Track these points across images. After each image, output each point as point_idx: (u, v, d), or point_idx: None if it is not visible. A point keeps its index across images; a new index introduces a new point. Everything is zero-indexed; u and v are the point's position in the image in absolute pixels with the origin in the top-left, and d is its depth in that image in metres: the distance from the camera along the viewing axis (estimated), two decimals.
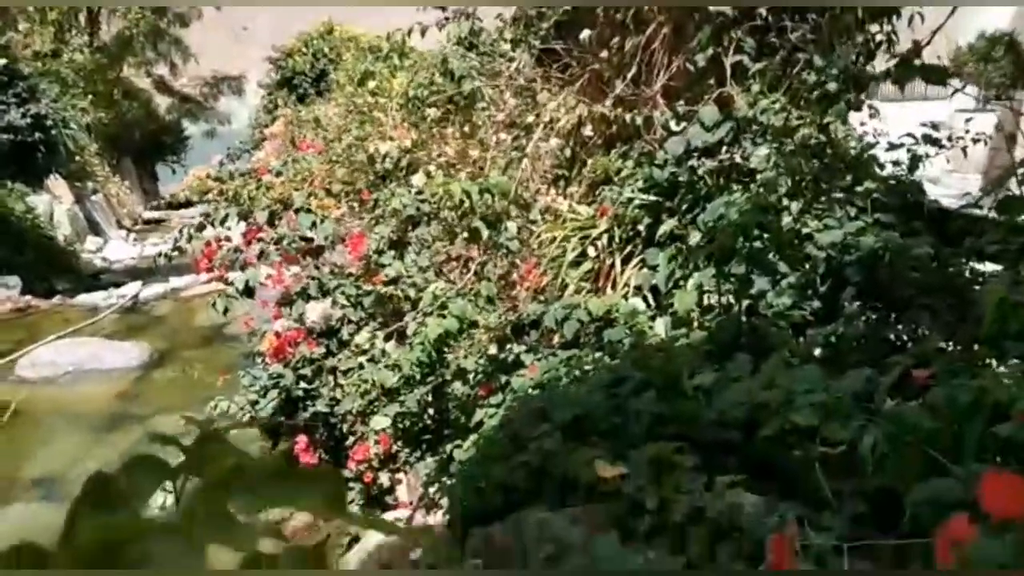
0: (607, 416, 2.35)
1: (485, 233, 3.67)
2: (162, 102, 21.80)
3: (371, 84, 7.34)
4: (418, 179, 4.81)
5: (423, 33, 6.01)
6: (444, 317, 3.51)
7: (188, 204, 19.98)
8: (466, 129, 6.34)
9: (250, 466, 0.45)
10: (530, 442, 2.22)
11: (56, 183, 13.36)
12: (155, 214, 18.97)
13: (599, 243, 4.25)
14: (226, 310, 4.11)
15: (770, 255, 3.53)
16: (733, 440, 2.35)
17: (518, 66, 6.29)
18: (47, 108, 12.84)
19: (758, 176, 3.41)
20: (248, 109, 22.37)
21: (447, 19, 6.42)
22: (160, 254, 4.62)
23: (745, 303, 3.45)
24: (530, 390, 3.49)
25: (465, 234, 4.36)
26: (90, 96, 16.54)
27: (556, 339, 4.24)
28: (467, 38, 6.75)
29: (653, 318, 3.62)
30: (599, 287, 4.21)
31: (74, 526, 0.50)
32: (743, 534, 1.66)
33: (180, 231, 4.65)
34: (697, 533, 1.71)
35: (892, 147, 3.76)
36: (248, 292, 4.09)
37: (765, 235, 3.54)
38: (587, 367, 3.39)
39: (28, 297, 8.72)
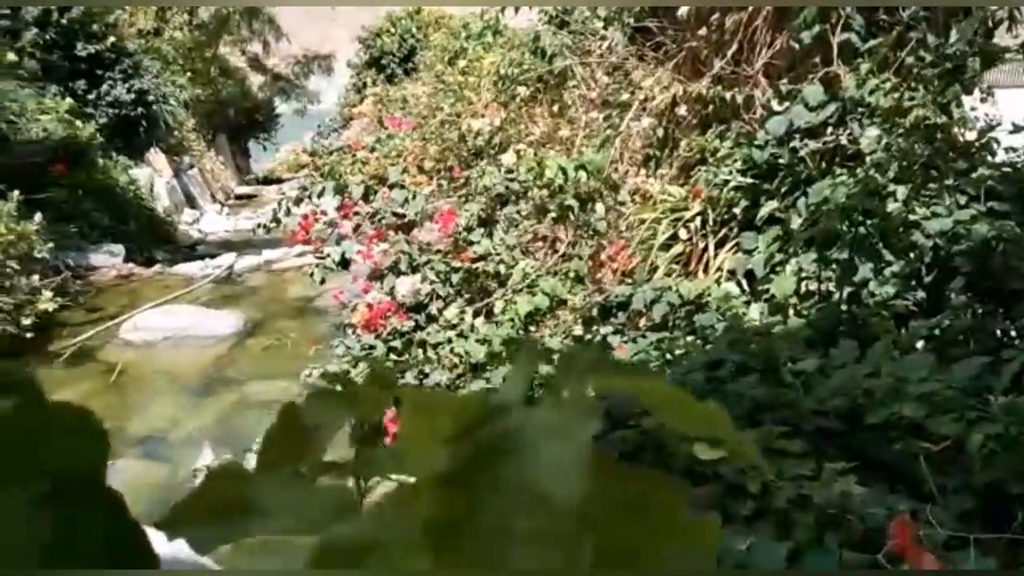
0: (704, 397, 2.32)
1: (577, 211, 3.66)
2: (255, 80, 22.47)
3: (462, 63, 7.38)
4: (508, 158, 4.82)
5: (516, 10, 6.02)
6: (534, 295, 3.52)
7: (278, 180, 20.61)
8: (555, 108, 6.32)
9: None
10: (625, 421, 2.21)
11: (156, 157, 13.95)
12: (247, 189, 19.59)
13: (691, 225, 4.19)
14: (323, 280, 4.22)
15: (875, 242, 3.41)
16: (834, 429, 2.29)
17: (611, 44, 6.22)
18: (149, 84, 13.38)
19: (867, 159, 3.28)
20: (336, 88, 22.85)
21: None
22: (259, 225, 4.78)
23: (847, 291, 3.34)
24: None
25: (554, 213, 4.36)
26: (189, 73, 17.16)
27: (643, 322, 4.21)
28: (558, 16, 6.71)
29: (748, 303, 3.55)
30: (690, 270, 4.15)
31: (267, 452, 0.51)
32: (853, 521, 1.62)
33: (279, 204, 4.79)
34: (803, 520, 1.68)
35: (1017, 129, 3.55)
36: (344, 264, 4.20)
37: (870, 221, 3.41)
38: (678, 350, 3.35)
39: (130, 265, 9.16)
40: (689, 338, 3.34)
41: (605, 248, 4.67)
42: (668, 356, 3.30)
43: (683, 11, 4.94)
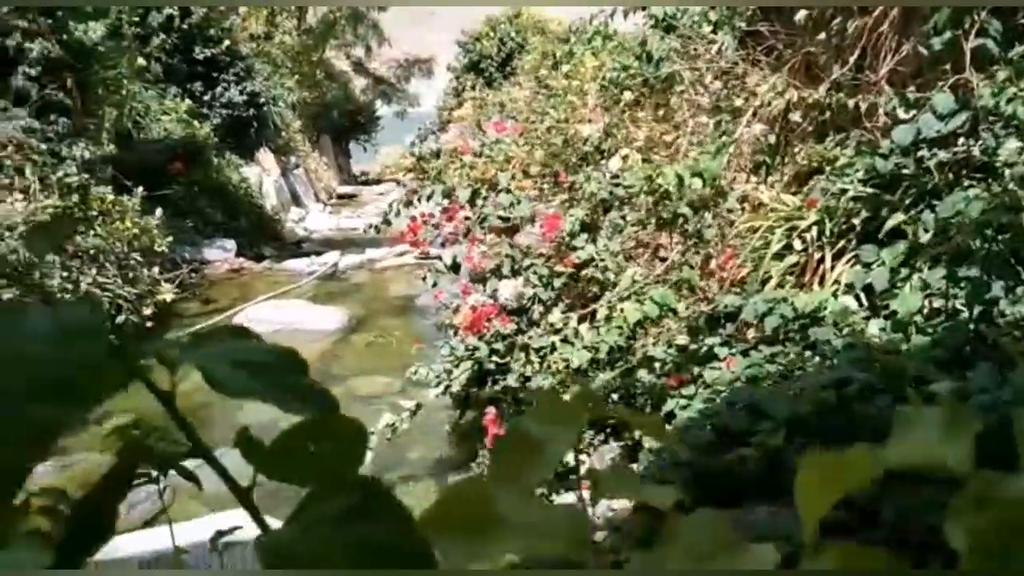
0: (830, 417, 2.25)
1: (691, 220, 3.61)
2: (358, 84, 23.13)
3: (565, 67, 7.40)
4: (615, 163, 4.80)
5: (625, 15, 5.99)
6: (642, 303, 3.49)
7: (377, 181, 21.18)
8: (660, 112, 6.25)
9: None
10: (747, 437, 2.17)
11: (264, 156, 14.55)
12: (347, 189, 20.18)
13: (807, 236, 4.06)
14: (435, 284, 4.31)
15: (1008, 259, 3.23)
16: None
17: (720, 48, 6.11)
18: (260, 87, 13.97)
19: (1006, 172, 3.11)
20: (435, 91, 23.30)
21: None
22: (370, 226, 4.91)
23: (977, 310, 3.18)
24: (730, 384, 3.41)
25: (661, 220, 4.32)
26: (296, 76, 17.82)
27: (751, 333, 4.11)
28: (665, 19, 6.63)
29: (867, 319, 3.42)
30: (804, 282, 4.03)
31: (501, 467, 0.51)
32: None
33: (389, 205, 4.92)
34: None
35: None
36: (455, 268, 4.27)
37: (1002, 236, 3.23)
38: (794, 366, 3.26)
39: (241, 260, 9.60)
40: (806, 353, 3.24)
41: (712, 256, 4.59)
42: (782, 371, 3.22)
43: (800, 16, 4.81)
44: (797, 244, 4.06)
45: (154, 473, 1.50)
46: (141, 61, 9.21)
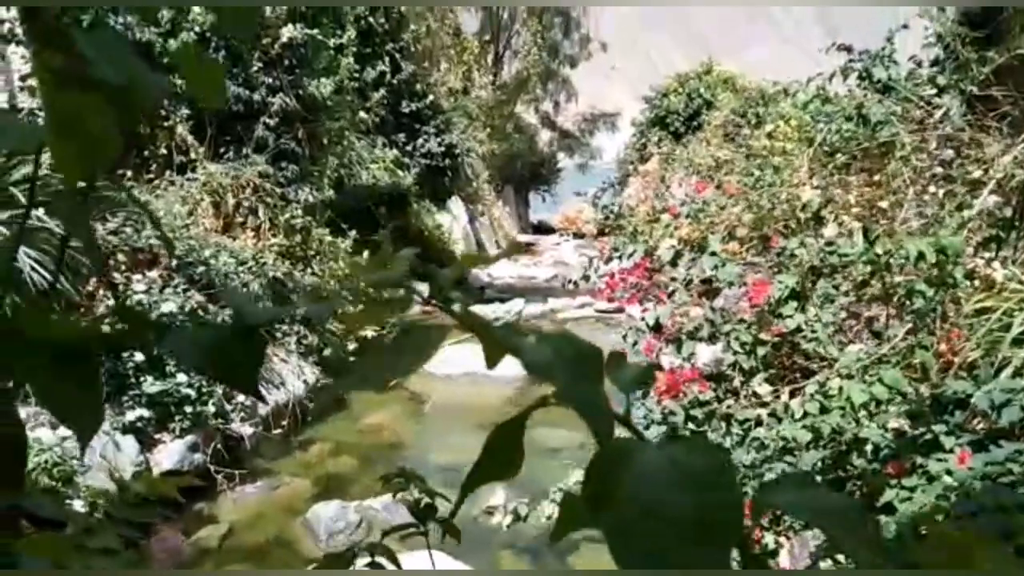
0: None
1: (928, 296, 3.37)
2: (543, 136, 23.85)
3: (768, 126, 7.23)
4: (831, 230, 4.60)
5: (845, 77, 5.78)
6: (868, 383, 3.28)
7: (551, 231, 21.61)
8: (875, 178, 5.93)
9: None
10: None
11: (455, 204, 15.26)
12: (526, 238, 20.71)
13: None
14: (635, 343, 4.29)
15: None
16: None
17: (946, 112, 5.75)
18: (457, 139, 14.75)
19: None
20: (616, 144, 23.53)
21: (851, 61, 6.10)
22: (569, 281, 4.99)
23: None
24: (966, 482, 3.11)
25: (888, 292, 4.06)
26: (488, 129, 18.64)
27: (978, 423, 3.75)
28: (880, 82, 6.33)
29: None
30: None
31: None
32: None
33: (589, 261, 4.98)
34: None
35: None
36: (657, 327, 4.23)
37: None
38: None
39: (432, 302, 10.06)
40: None
41: (936, 336, 4.25)
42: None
43: None
44: None
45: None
46: (362, 114, 10.00)
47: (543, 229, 22.36)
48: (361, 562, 1.28)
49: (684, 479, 0.37)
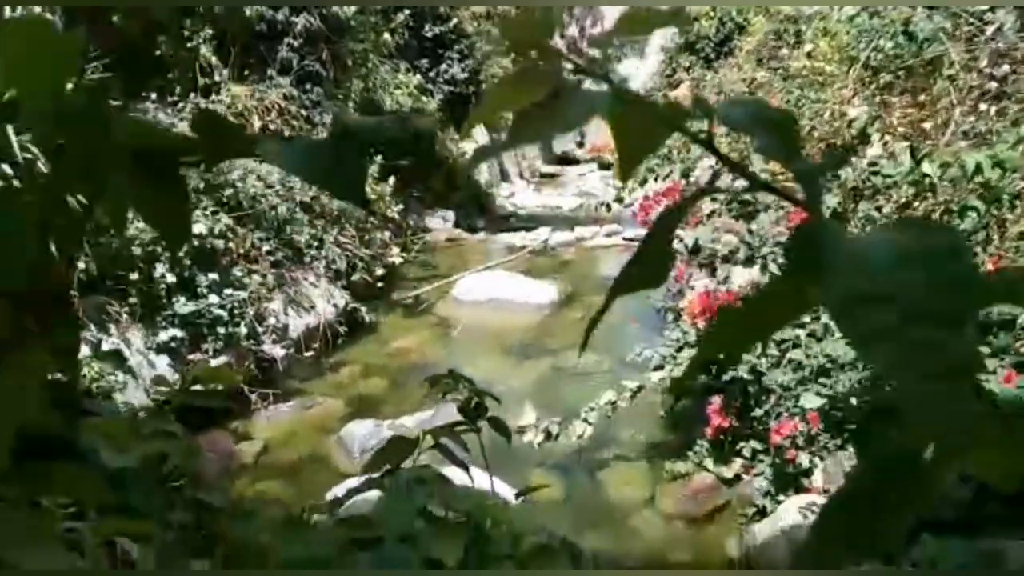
0: None
1: (981, 213, 3.25)
2: (568, 63, 23.20)
3: (807, 46, 6.96)
4: (875, 150, 4.45)
5: None
6: None
7: (576, 161, 21.28)
8: (920, 99, 5.71)
9: None
10: None
11: (479, 133, 15.01)
12: (550, 168, 20.43)
13: None
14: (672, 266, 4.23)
15: None
16: None
17: (999, 28, 5.48)
18: (480, 64, 14.41)
19: None
20: (644, 72, 22.91)
21: None
22: (602, 203, 4.90)
23: None
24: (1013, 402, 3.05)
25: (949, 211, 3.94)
26: (512, 55, 18.19)
27: (1022, 346, 3.67)
28: None
29: None
30: None
31: None
32: None
33: (623, 182, 4.87)
34: None
35: None
36: (695, 250, 4.15)
37: None
38: None
39: (458, 230, 10.00)
40: None
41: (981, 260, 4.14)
42: None
43: None
44: None
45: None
46: (385, 36, 9.77)
47: (568, 160, 22.00)
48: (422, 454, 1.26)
49: (910, 255, 0.31)
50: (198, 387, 1.17)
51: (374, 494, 1.07)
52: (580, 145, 21.71)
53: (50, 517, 0.85)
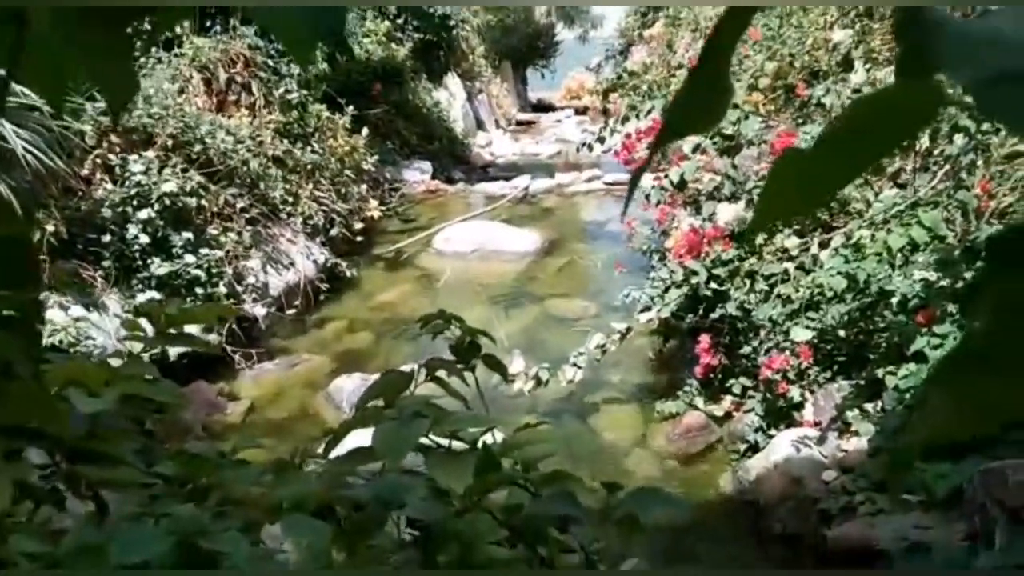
0: None
1: (971, 133, 3.20)
2: (540, 7, 22.76)
3: None
4: (858, 76, 4.36)
5: None
6: (907, 226, 3.15)
7: (552, 108, 20.98)
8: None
9: None
10: None
11: (451, 81, 14.70)
12: (526, 116, 20.14)
13: None
14: (659, 202, 4.14)
15: None
16: None
17: None
18: (450, 8, 14.04)
19: None
20: (616, 13, 22.48)
21: None
22: (584, 143, 4.79)
23: None
24: None
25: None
26: None
27: None
28: None
29: None
30: None
31: None
32: None
33: (605, 123, 4.76)
34: None
35: None
36: (681, 185, 4.08)
37: None
38: None
39: (436, 181, 9.83)
40: None
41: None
42: None
43: None
44: None
45: None
46: None
47: (543, 107, 21.68)
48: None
49: None
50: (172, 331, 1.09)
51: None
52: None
53: (24, 468, 0.78)
